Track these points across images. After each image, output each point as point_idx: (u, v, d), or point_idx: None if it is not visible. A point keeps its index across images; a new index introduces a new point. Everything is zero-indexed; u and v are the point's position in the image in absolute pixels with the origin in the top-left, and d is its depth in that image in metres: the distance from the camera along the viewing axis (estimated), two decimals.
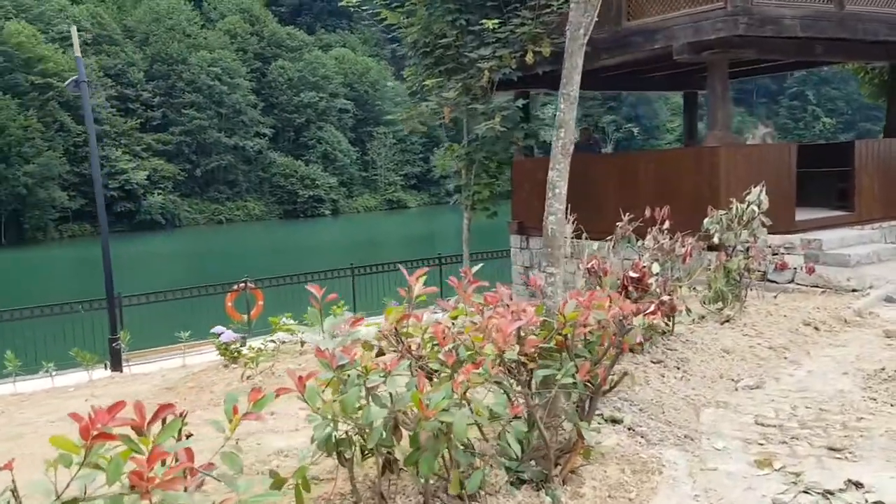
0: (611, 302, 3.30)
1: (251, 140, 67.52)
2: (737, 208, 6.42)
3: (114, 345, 8.97)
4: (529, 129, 10.36)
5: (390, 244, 42.68)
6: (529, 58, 9.25)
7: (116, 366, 8.80)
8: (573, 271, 6.74)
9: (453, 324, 3.34)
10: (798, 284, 8.23)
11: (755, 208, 6.35)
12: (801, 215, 9.90)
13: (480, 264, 3.63)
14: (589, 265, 5.16)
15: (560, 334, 3.43)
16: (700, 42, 8.48)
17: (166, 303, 11.84)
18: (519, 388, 3.20)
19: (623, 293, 5.16)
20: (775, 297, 7.48)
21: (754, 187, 6.55)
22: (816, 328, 6.52)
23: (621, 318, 3.25)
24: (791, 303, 7.36)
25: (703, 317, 6.54)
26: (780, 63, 11.91)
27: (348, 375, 2.41)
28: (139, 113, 62.76)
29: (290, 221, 64.88)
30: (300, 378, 2.27)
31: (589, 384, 3.44)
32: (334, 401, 2.31)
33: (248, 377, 4.65)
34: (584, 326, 3.36)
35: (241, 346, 5.80)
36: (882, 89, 11.33)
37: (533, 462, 3.35)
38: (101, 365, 8.38)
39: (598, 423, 4.20)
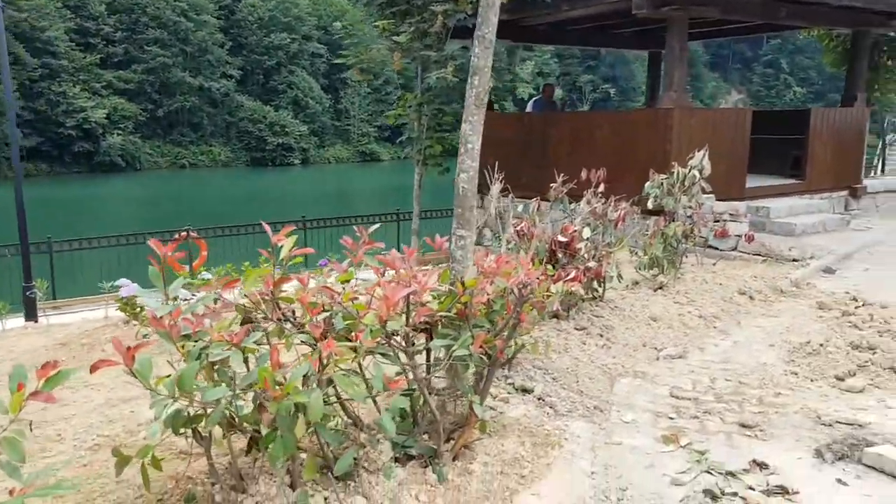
0: (517, 269, 3.09)
1: (217, 81, 65.42)
2: (678, 173, 6.24)
3: (28, 293, 8.55)
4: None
5: (359, 197, 42.01)
6: (463, 3, 8.85)
7: (31, 316, 8.40)
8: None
9: (345, 288, 3.11)
10: (741, 252, 8.15)
11: (696, 173, 6.17)
12: (754, 182, 9.82)
13: (376, 225, 3.37)
14: (518, 228, 4.95)
15: (461, 303, 3.23)
16: None
17: (104, 249, 11.36)
18: (406, 360, 3.00)
19: (551, 258, 4.99)
20: (714, 264, 7.39)
21: (698, 151, 6.35)
22: (751, 297, 6.44)
23: (521, 286, 3.04)
24: (730, 270, 7.28)
25: (637, 283, 6.42)
26: (747, 25, 11.65)
27: (192, 348, 2.17)
28: (100, 48, 60.17)
29: (258, 169, 63.37)
30: (128, 349, 2.02)
31: (487, 356, 3.25)
32: (168, 376, 2.08)
33: (144, 335, 4.38)
34: (485, 295, 3.16)
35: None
36: (844, 57, 11.17)
37: (426, 436, 3.19)
38: (20, 314, 8.02)
39: (508, 394, 4.05)
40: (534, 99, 12.23)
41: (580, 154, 9.94)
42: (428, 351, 3.11)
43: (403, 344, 2.92)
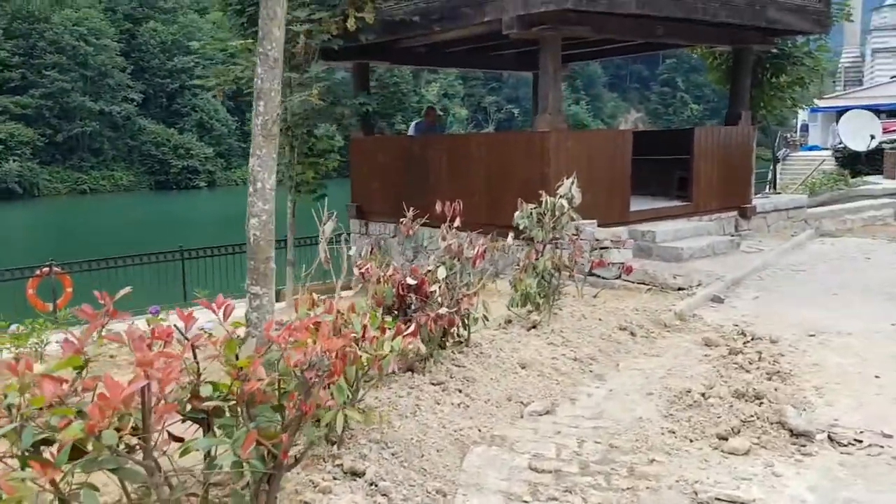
0: (316, 336, 2.37)
1: (119, 105, 63.55)
2: (546, 202, 5.71)
3: None
4: (354, 104, 9.31)
5: None
6: (351, 23, 8.21)
7: None
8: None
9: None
10: (625, 281, 7.71)
11: (564, 203, 5.66)
12: (639, 205, 9.49)
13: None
14: (361, 269, 4.25)
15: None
16: (530, 16, 7.75)
17: None
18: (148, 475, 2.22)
19: (400, 304, 4.31)
20: (595, 295, 6.90)
21: (567, 178, 5.85)
22: (633, 334, 5.95)
23: (306, 367, 2.32)
24: (612, 302, 6.79)
25: (510, 321, 5.82)
26: (629, 44, 11.45)
27: None
28: None
29: (162, 193, 61.56)
30: None
31: (272, 456, 2.50)
32: None
33: None
34: (259, 380, 2.42)
35: None
36: (728, 75, 11.10)
37: None
38: None
39: (334, 479, 3.30)
40: (415, 122, 11.67)
41: (460, 178, 9.40)
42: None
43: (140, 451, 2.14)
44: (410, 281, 4.16)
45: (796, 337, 5.88)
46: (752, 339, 5.81)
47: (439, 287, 4.37)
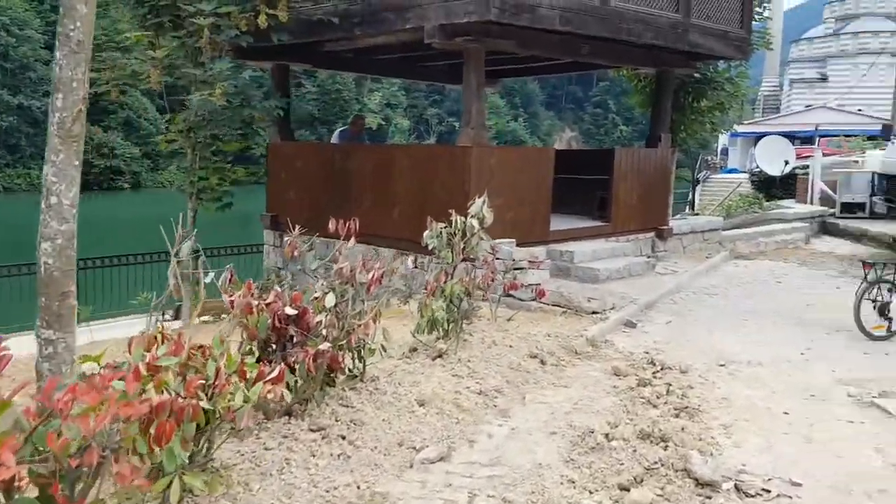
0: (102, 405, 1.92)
1: (39, 100, 60.21)
2: (456, 221, 5.39)
3: None
4: (266, 107, 8.80)
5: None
6: (262, 20, 7.73)
7: None
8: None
9: None
10: (541, 303, 7.49)
11: (475, 223, 5.35)
12: (560, 224, 9.32)
13: None
14: (230, 297, 3.81)
15: None
16: (452, 26, 7.46)
17: None
18: None
19: (277, 337, 3.87)
20: (509, 320, 6.62)
21: (477, 197, 5.56)
22: (543, 362, 5.67)
23: (81, 447, 1.88)
24: (526, 327, 6.53)
25: (415, 350, 5.47)
26: (557, 63, 11.31)
27: None
28: None
29: (83, 194, 58.63)
30: None
31: None
32: None
33: None
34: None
35: None
36: (651, 98, 11.11)
37: None
38: None
39: None
40: (339, 130, 11.23)
41: (383, 191, 9.03)
42: None
43: None
44: (290, 311, 3.74)
45: (706, 366, 5.75)
46: (662, 369, 5.64)
47: (326, 317, 3.96)
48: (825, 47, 56.24)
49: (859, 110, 42.06)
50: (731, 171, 32.47)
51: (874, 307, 6.29)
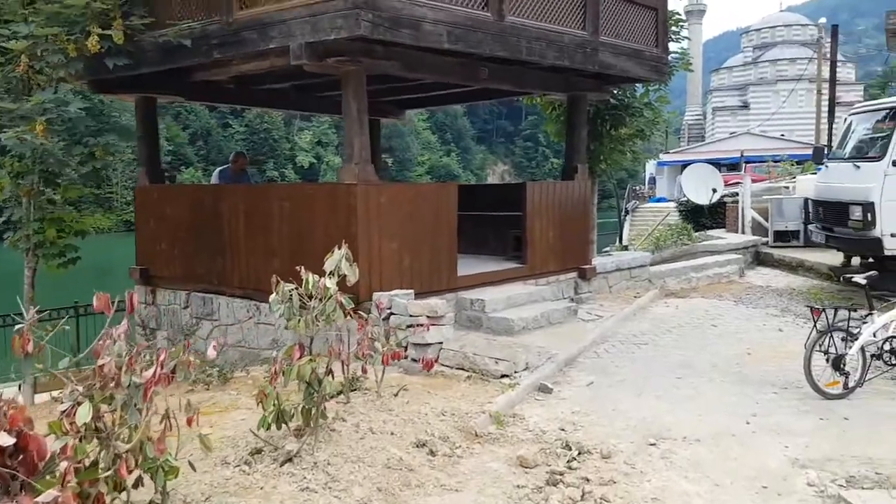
0: None
1: None
2: (309, 281, 4.18)
3: None
4: (107, 142, 7.49)
5: (116, 271, 36.40)
6: (92, 43, 6.45)
7: None
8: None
9: None
10: (443, 365, 6.32)
11: (330, 285, 4.15)
12: (470, 268, 8.21)
13: None
14: None
15: None
16: (322, 44, 6.34)
17: None
18: None
19: None
20: (397, 393, 5.40)
21: (342, 248, 4.38)
22: (432, 452, 4.48)
23: None
24: (417, 400, 5.32)
25: (259, 452, 4.18)
26: (465, 90, 10.26)
27: None
28: None
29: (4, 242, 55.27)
30: None
31: None
32: None
33: None
34: None
35: None
36: (565, 127, 10.20)
37: None
38: None
39: None
40: (219, 169, 9.94)
41: (259, 237, 7.79)
42: None
43: None
44: (4, 440, 2.45)
45: (634, 446, 4.65)
46: (580, 454, 4.51)
47: (74, 440, 2.67)
48: (745, 75, 57.93)
49: (782, 135, 43.00)
50: (659, 200, 32.33)
51: (827, 360, 5.32)
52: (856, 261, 10.43)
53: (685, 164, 25.02)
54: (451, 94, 10.58)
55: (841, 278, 6.29)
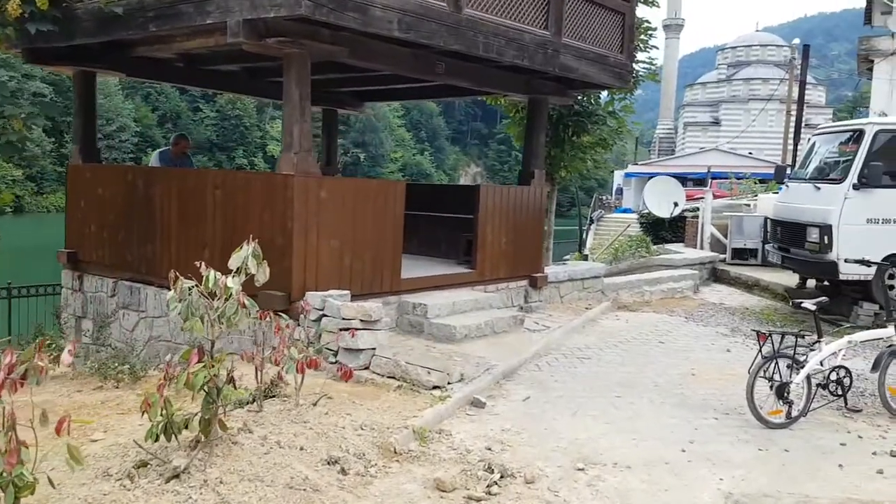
0: None
1: None
2: (210, 278, 3.78)
3: None
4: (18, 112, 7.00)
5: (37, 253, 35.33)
6: (13, 7, 5.97)
7: None
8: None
9: None
10: (374, 373, 5.96)
11: (231, 284, 3.76)
12: (419, 270, 7.88)
13: None
14: None
15: None
16: (262, 22, 5.95)
17: None
18: None
19: None
20: (317, 402, 5.03)
21: (249, 243, 3.99)
22: (344, 471, 4.12)
23: None
24: (337, 412, 4.94)
25: (145, 465, 3.78)
26: (426, 85, 9.88)
27: None
28: None
29: None
30: None
31: None
32: None
33: None
34: None
35: None
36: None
37: None
38: None
39: None
40: (159, 151, 9.45)
41: (192, 225, 7.37)
42: None
43: None
44: None
45: (561, 471, 4.34)
46: (502, 477, 4.19)
47: None
48: (718, 92, 58.48)
49: (750, 153, 43.41)
50: (624, 211, 32.31)
51: (771, 387, 5.07)
52: (811, 283, 10.32)
53: (653, 177, 25.01)
54: (411, 89, 10.21)
55: (791, 303, 6.07)
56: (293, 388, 5.05)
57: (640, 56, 10.76)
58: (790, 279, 10.68)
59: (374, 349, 6.09)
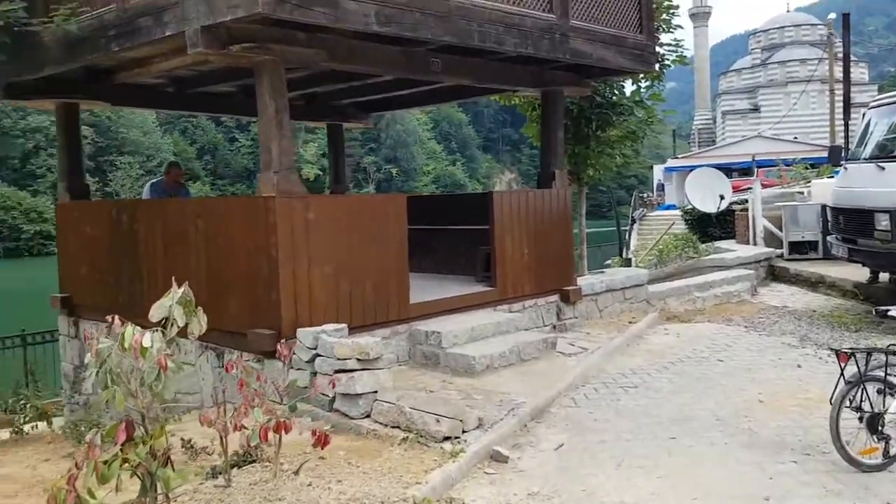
0: None
1: None
2: (126, 336, 2.96)
3: None
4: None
5: None
6: None
7: None
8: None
9: None
10: (376, 422, 5.08)
11: (146, 343, 2.93)
12: (430, 293, 7.00)
13: None
14: None
15: None
16: (223, 28, 5.19)
17: None
18: None
19: None
20: (297, 471, 4.15)
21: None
22: None
23: None
24: (322, 482, 4.06)
25: None
26: (437, 87, 9.00)
27: None
28: None
29: (13, 260, 55.59)
30: None
31: None
32: None
33: None
34: None
35: None
36: None
37: None
38: None
39: None
40: (151, 182, 8.81)
41: (177, 260, 6.65)
42: None
43: None
44: None
45: None
46: None
47: None
48: (754, 78, 56.50)
49: (795, 138, 41.52)
50: (667, 208, 30.93)
51: (860, 419, 4.01)
52: (884, 276, 9.10)
53: (693, 170, 23.71)
54: (418, 94, 9.32)
55: (874, 311, 4.98)
56: (275, 449, 4.21)
57: (664, 38, 9.75)
58: (860, 273, 9.45)
59: (375, 392, 5.21)
